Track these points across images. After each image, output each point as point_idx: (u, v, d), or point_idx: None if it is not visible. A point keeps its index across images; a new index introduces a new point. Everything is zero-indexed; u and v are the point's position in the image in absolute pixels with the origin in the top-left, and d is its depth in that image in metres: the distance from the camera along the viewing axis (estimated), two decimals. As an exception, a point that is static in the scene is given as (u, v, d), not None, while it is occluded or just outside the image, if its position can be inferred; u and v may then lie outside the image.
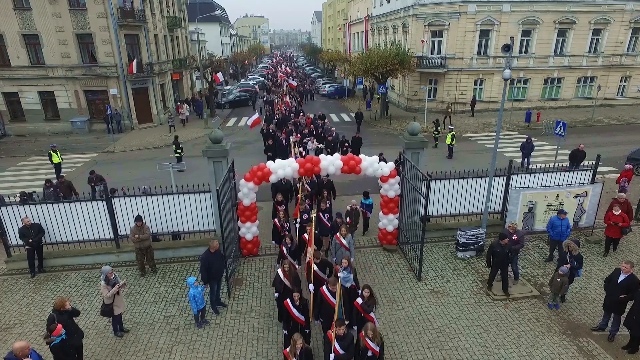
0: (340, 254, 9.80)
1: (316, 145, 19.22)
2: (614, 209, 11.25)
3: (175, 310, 9.68)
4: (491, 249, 9.88)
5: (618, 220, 11.21)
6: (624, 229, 11.41)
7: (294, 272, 8.79)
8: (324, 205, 11.69)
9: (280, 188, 13.56)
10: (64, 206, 11.26)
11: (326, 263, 9.23)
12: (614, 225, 11.27)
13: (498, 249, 9.63)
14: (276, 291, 8.76)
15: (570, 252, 9.41)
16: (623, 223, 11.20)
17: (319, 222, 11.07)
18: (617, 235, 11.52)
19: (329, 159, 10.81)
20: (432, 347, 8.42)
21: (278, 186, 13.48)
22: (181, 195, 11.66)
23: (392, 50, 30.80)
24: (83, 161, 22.81)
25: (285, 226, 11.45)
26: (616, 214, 11.21)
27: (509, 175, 12.35)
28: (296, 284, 8.51)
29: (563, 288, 9.24)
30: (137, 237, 10.61)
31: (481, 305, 9.68)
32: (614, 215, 11.25)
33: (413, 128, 11.87)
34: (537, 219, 12.24)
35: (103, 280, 8.40)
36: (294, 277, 8.57)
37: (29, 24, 26.95)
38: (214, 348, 8.48)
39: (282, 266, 8.70)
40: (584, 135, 25.28)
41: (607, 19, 31.94)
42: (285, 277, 8.47)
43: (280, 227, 11.47)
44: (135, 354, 8.37)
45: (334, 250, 10.16)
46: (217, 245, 9.26)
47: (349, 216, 11.85)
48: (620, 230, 11.37)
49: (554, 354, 8.19)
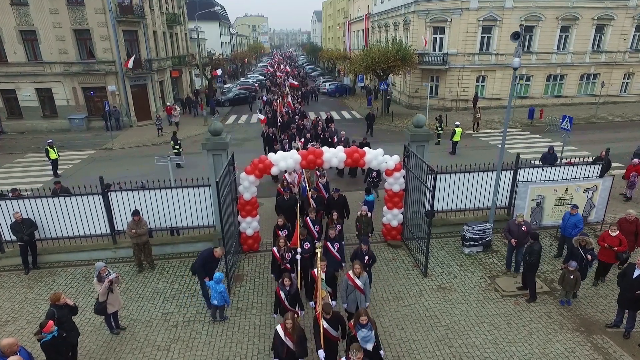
0: (353, 298, 7.77)
1: None
2: (610, 229, 9.38)
3: (173, 307, 9.35)
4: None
5: (614, 243, 9.23)
6: (620, 255, 9.33)
7: (298, 328, 6.67)
8: (333, 233, 9.36)
9: (283, 205, 11.45)
10: (59, 200, 10.93)
11: (339, 319, 6.93)
12: (608, 249, 9.33)
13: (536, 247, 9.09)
14: (275, 356, 6.74)
15: (584, 246, 9.09)
16: (619, 247, 9.18)
17: (326, 252, 9.07)
18: (610, 260, 9.52)
19: (332, 150, 10.47)
20: (440, 344, 8.09)
21: (280, 203, 11.59)
22: (180, 190, 11.33)
23: (394, 47, 30.48)
24: (80, 158, 22.47)
25: (286, 257, 9.07)
26: (612, 235, 9.27)
27: (516, 169, 12.04)
28: (302, 344, 6.62)
29: (577, 284, 8.88)
30: (134, 232, 10.27)
31: (490, 302, 9.36)
32: (610, 236, 9.30)
33: (418, 120, 11.55)
34: (545, 214, 11.92)
35: (96, 277, 8.06)
36: (298, 335, 6.58)
37: (26, 20, 26.59)
38: (213, 346, 8.15)
39: (284, 321, 6.59)
40: (588, 132, 25.02)
41: (611, 15, 31.64)
42: (287, 337, 6.49)
43: (280, 259, 9.06)
44: (131, 352, 8.04)
45: (345, 294, 7.90)
46: (222, 253, 8.93)
47: (358, 222, 10.94)
48: (616, 256, 9.33)
49: (568, 351, 7.87)
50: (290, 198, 11.62)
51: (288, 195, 11.69)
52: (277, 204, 11.73)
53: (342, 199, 11.75)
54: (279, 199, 11.81)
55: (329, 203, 11.87)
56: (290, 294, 7.64)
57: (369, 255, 8.82)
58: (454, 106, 32.94)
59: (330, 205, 11.65)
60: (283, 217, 10.41)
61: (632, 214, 9.94)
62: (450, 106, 32.88)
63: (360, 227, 10.87)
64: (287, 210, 11.14)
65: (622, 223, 9.87)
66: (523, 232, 9.72)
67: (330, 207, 11.39)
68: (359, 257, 8.65)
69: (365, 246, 8.78)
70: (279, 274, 8.47)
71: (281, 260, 9.01)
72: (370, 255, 8.85)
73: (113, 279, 8.08)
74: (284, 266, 8.91)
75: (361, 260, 8.45)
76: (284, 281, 7.60)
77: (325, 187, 12.92)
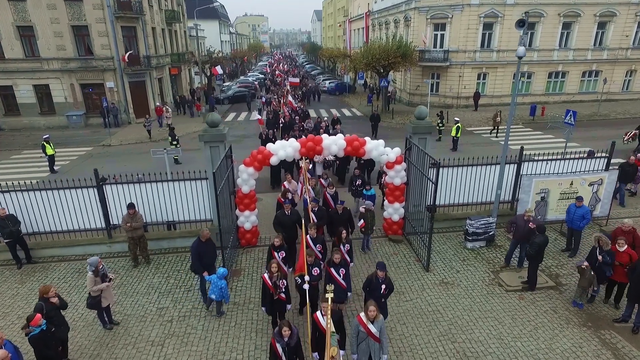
0: (366, 349, 6.25)
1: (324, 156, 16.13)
2: (618, 243, 8.27)
3: (168, 302, 9.10)
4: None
5: (624, 260, 8.09)
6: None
7: None
8: (338, 257, 7.84)
9: (284, 221, 9.82)
10: (52, 194, 10.67)
11: None
12: (619, 266, 8.14)
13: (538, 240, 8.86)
14: None
15: (601, 246, 8.28)
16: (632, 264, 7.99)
17: (330, 280, 7.76)
18: (622, 279, 8.27)
19: (332, 138, 10.21)
20: (443, 339, 7.84)
21: (281, 219, 9.94)
22: (176, 183, 11.08)
23: (394, 43, 30.23)
24: (78, 154, 22.23)
25: (280, 285, 7.41)
26: (621, 250, 8.18)
27: (520, 163, 11.80)
28: None
29: (594, 284, 8.44)
30: (129, 225, 10.03)
31: (494, 297, 9.11)
32: (618, 252, 8.20)
33: (420, 112, 11.30)
34: (550, 208, 11.66)
35: (91, 272, 7.81)
36: None
37: (23, 15, 26.35)
38: (209, 341, 7.90)
39: None
40: (590, 129, 24.76)
41: (613, 11, 31.38)
42: None
43: (273, 287, 7.37)
44: (125, 347, 7.79)
45: (355, 341, 6.28)
46: (208, 233, 8.68)
47: (363, 219, 10.50)
48: (627, 274, 8.03)
49: (576, 346, 7.62)
50: (293, 214, 10.07)
51: (290, 210, 10.06)
52: (277, 220, 10.03)
53: (347, 213, 10.27)
54: (279, 213, 10.20)
55: (331, 218, 10.22)
56: (290, 346, 5.95)
57: (386, 284, 7.20)
58: (455, 103, 32.69)
59: (333, 220, 10.06)
60: (281, 235, 8.85)
61: (628, 223, 8.93)
62: (451, 103, 32.63)
63: (366, 224, 10.53)
64: (287, 228, 9.76)
65: (618, 233, 8.86)
66: (530, 228, 9.43)
67: (334, 222, 9.88)
68: (374, 288, 7.16)
69: (381, 273, 7.12)
70: (272, 308, 7.48)
71: (274, 290, 7.38)
72: (387, 283, 7.24)
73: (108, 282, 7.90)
74: (277, 296, 7.43)
75: (377, 290, 7.09)
76: (282, 331, 5.87)
77: (333, 198, 11.29)
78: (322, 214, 10.20)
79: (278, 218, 10.03)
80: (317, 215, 10.02)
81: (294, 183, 12.69)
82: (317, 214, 10.11)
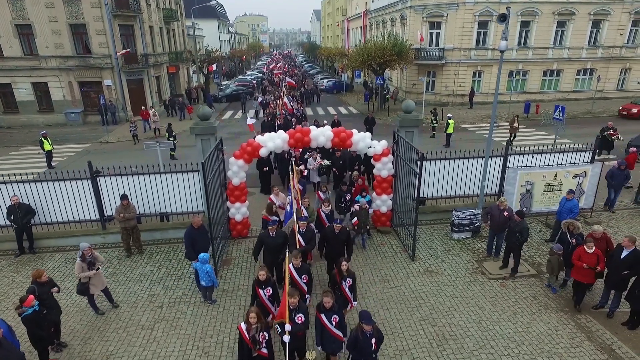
0: None
1: (319, 162, 14.23)
2: (586, 245, 8.03)
3: (160, 289, 9.36)
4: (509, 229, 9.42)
5: (592, 261, 7.88)
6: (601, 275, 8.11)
7: None
8: (329, 302, 6.27)
9: (268, 245, 8.35)
10: (47, 185, 10.93)
11: None
12: (586, 269, 7.95)
13: (511, 224, 9.28)
14: None
15: (571, 230, 8.88)
16: (600, 266, 7.93)
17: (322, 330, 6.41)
18: (588, 280, 8.16)
19: (320, 129, 10.46)
20: (424, 323, 8.10)
21: (264, 240, 8.41)
22: (169, 175, 11.34)
23: (390, 42, 30.49)
24: (75, 151, 22.51)
25: (259, 340, 5.98)
26: (589, 252, 7.96)
27: (506, 156, 12.05)
28: None
29: (558, 267, 8.87)
30: (122, 215, 10.29)
31: (476, 284, 9.36)
32: (586, 253, 7.97)
33: (407, 105, 11.55)
34: (535, 200, 11.91)
35: (79, 258, 8.06)
36: None
37: (21, 14, 26.62)
38: (197, 325, 8.16)
39: None
40: (583, 126, 25.00)
41: (607, 10, 31.63)
42: None
43: (251, 342, 5.95)
44: (115, 331, 8.05)
45: None
46: (200, 220, 8.95)
47: (357, 216, 10.24)
48: (595, 276, 8.10)
49: (551, 329, 7.87)
50: (278, 235, 8.42)
51: (275, 231, 8.41)
52: (260, 242, 8.50)
53: (345, 233, 8.57)
54: (262, 234, 8.53)
55: (326, 238, 8.55)
56: None
57: (376, 337, 5.94)
58: (450, 101, 32.94)
59: (329, 241, 8.47)
60: (266, 266, 7.36)
61: (598, 230, 8.46)
62: (446, 101, 32.88)
63: (359, 222, 10.31)
64: (272, 252, 8.35)
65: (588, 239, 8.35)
66: (505, 217, 9.71)
67: (330, 244, 8.44)
68: (363, 346, 5.85)
69: (368, 326, 5.78)
70: None
71: (252, 345, 5.95)
72: (377, 335, 5.97)
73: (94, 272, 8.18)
74: (257, 352, 5.99)
75: (366, 348, 5.84)
76: None
77: (328, 217, 9.81)
78: (310, 236, 8.67)
79: (261, 239, 8.49)
80: (304, 238, 8.48)
81: (282, 196, 11.12)
82: (305, 235, 8.54)
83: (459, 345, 7.53)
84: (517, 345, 7.51)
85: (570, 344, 7.54)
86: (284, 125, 20.43)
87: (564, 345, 7.51)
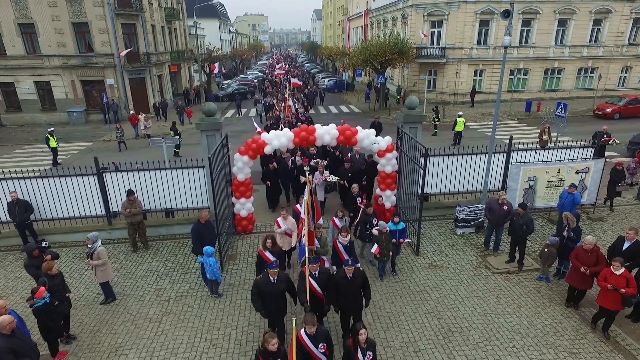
0: None
1: (326, 176, 12.16)
2: (614, 266, 7.22)
3: (166, 283, 9.44)
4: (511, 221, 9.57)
5: (620, 283, 7.04)
6: (628, 299, 7.28)
7: None
8: None
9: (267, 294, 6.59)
10: (54, 181, 11.00)
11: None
12: (612, 291, 7.15)
13: (515, 217, 9.42)
14: None
15: (568, 224, 9.01)
16: (627, 290, 7.04)
17: None
18: (615, 307, 7.30)
19: (325, 128, 10.54)
20: (430, 316, 8.17)
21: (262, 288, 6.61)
22: (174, 171, 11.42)
23: (391, 40, 30.56)
24: (79, 149, 22.60)
25: None
26: (617, 273, 7.16)
27: (509, 152, 12.11)
28: None
29: (550, 259, 9.00)
30: (128, 210, 10.37)
31: (481, 278, 9.44)
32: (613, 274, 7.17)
33: (411, 102, 11.63)
34: (537, 195, 11.97)
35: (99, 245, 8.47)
36: None
37: (24, 13, 26.71)
38: (204, 318, 8.23)
39: None
40: (585, 124, 25.08)
41: (608, 8, 31.69)
42: None
43: None
44: (123, 324, 8.13)
45: None
46: (207, 215, 9.04)
47: (377, 243, 8.70)
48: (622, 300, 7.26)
49: (556, 322, 7.95)
50: (280, 281, 6.62)
51: (276, 277, 6.56)
52: (256, 289, 6.65)
53: (361, 277, 6.81)
54: (259, 280, 6.70)
55: (337, 286, 6.74)
56: None
57: None
58: (451, 100, 33.00)
59: (339, 290, 6.72)
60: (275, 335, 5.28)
61: (590, 241, 7.79)
62: (448, 100, 32.94)
63: (381, 250, 8.61)
64: (272, 302, 6.63)
65: (579, 253, 7.92)
66: (504, 211, 9.80)
67: (341, 294, 6.73)
68: None
69: None
70: None
71: None
72: None
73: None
74: None
75: None
76: None
77: (347, 249, 8.03)
78: (326, 279, 6.79)
79: (258, 286, 6.61)
80: (320, 284, 6.65)
81: (291, 221, 9.14)
82: (320, 279, 6.68)
83: (465, 337, 7.60)
84: (522, 337, 7.58)
85: (574, 336, 7.61)
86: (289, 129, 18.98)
87: (568, 337, 7.58)
